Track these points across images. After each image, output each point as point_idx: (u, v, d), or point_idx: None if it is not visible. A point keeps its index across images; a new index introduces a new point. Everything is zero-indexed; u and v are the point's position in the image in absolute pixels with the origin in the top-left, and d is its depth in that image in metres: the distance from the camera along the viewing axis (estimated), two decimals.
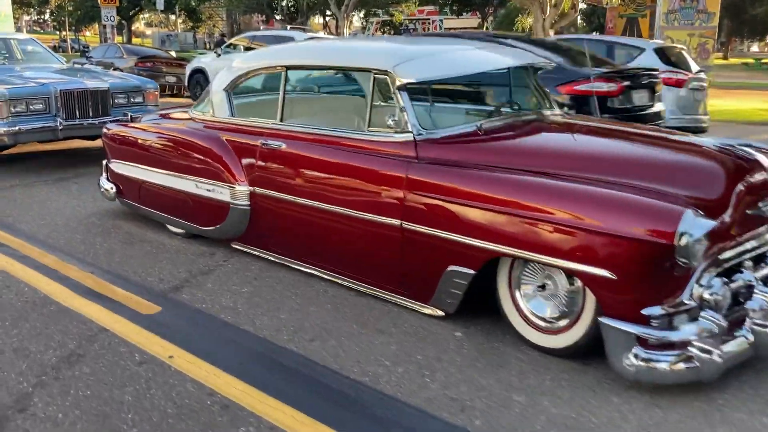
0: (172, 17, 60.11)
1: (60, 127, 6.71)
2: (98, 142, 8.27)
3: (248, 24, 51.67)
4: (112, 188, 5.05)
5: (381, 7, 37.46)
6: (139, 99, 7.52)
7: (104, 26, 31.96)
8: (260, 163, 3.95)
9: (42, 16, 72.00)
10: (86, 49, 36.46)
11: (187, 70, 15.50)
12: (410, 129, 3.35)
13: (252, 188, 4.00)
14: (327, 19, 38.49)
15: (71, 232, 4.84)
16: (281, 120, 3.96)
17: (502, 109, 3.87)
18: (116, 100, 7.28)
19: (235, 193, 4.05)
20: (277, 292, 3.72)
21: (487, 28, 45.70)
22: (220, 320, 3.38)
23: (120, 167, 4.95)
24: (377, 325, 3.28)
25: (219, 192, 4.15)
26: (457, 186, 3.06)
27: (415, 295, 3.35)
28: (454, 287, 3.12)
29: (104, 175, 5.19)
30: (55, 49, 54.84)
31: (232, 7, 33.41)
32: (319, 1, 30.56)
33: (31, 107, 6.64)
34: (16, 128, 6.45)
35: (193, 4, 38.87)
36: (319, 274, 3.82)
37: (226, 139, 4.17)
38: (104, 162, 5.19)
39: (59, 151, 8.12)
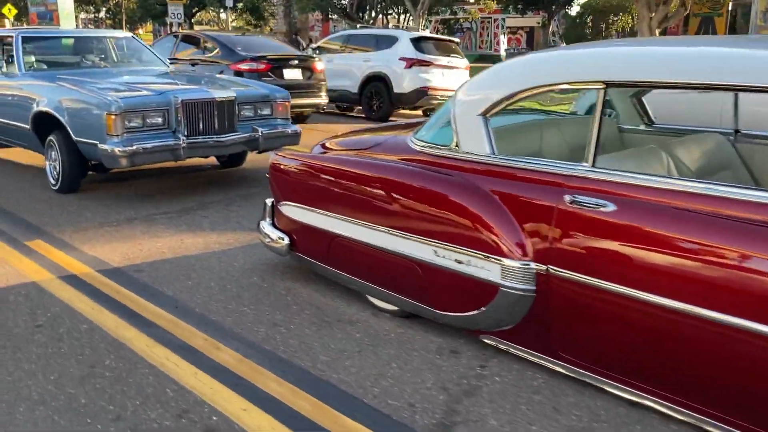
0: (223, 16, 59.51)
1: (183, 145, 5.47)
2: (210, 160, 7.10)
3: (304, 23, 50.81)
4: (282, 239, 3.76)
5: (452, 5, 36.03)
6: (266, 111, 6.26)
7: (168, 24, 31.30)
8: (560, 230, 2.58)
9: (97, 14, 72.74)
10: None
11: None
12: None
13: (543, 266, 2.63)
14: (386, 17, 37.13)
15: (236, 301, 3.56)
16: (595, 164, 2.58)
17: None
18: (242, 112, 6.03)
19: (510, 270, 2.69)
20: None
21: (552, 29, 43.83)
22: None
23: (297, 213, 3.65)
24: None
25: (479, 266, 2.79)
26: None
27: None
28: None
29: (268, 219, 3.90)
30: None
31: (303, 7, 32.35)
32: None
33: (147, 121, 5.42)
34: (134, 148, 5.22)
35: (257, 1, 37.95)
36: (666, 410, 2.43)
37: (492, 190, 2.81)
38: (268, 202, 3.91)
39: (164, 170, 6.94)
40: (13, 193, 5.84)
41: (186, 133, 5.55)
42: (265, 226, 3.91)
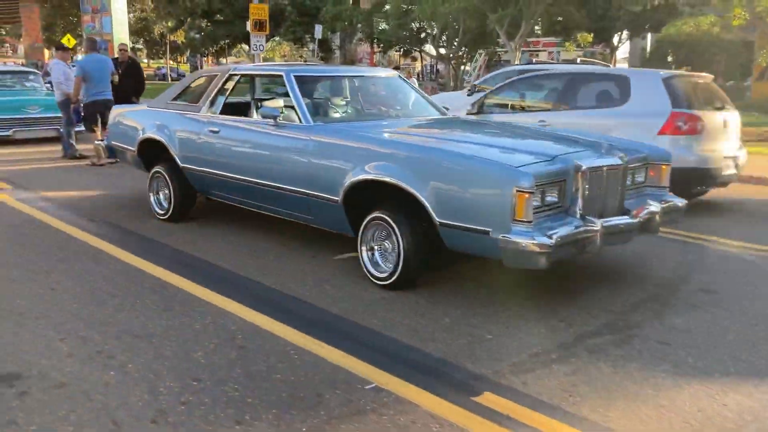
0: (245, 46, 58.45)
1: (600, 232, 3.86)
2: None
3: (353, 54, 49.90)
4: None
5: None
6: (641, 177, 4.66)
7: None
8: None
9: (135, 45, 72.35)
10: (183, 77, 34.63)
11: None
12: None
13: None
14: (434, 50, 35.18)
15: None
16: None
17: None
18: None
19: None
20: None
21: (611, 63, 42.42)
22: None
23: None
24: None
25: None
26: None
27: None
28: None
29: None
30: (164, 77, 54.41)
31: (381, 38, 31.35)
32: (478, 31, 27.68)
33: (546, 198, 3.85)
34: (555, 239, 3.62)
35: (326, 35, 37.06)
36: None
37: None
38: None
39: None
40: (343, 294, 4.23)
41: (583, 214, 3.95)
42: None
